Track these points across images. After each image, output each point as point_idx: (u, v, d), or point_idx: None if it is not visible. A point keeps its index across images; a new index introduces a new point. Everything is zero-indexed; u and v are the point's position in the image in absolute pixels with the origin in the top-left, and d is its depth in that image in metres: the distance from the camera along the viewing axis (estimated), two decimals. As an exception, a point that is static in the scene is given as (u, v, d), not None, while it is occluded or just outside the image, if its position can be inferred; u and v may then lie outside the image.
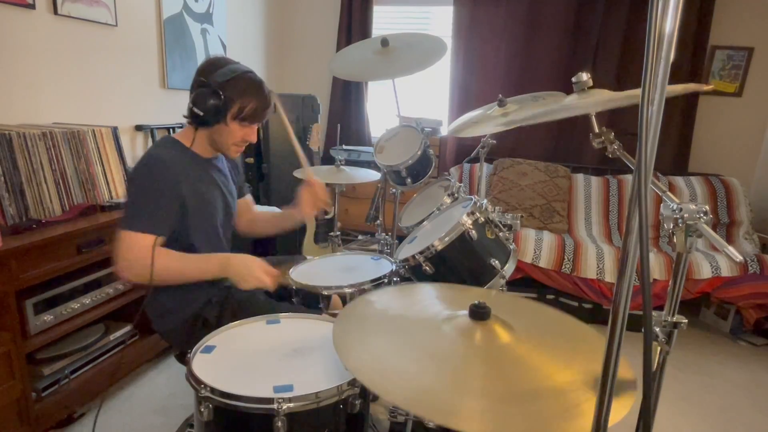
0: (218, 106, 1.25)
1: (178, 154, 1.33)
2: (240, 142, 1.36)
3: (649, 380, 0.56)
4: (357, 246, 3.65)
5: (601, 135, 1.06)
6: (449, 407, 0.72)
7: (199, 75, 1.29)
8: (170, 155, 1.30)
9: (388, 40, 1.97)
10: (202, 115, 1.25)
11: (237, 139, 1.34)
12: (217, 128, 1.31)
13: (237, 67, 1.29)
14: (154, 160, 1.27)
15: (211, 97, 1.24)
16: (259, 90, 1.30)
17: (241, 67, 1.30)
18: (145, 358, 2.11)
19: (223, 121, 1.29)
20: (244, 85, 1.28)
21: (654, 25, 0.50)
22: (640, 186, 0.52)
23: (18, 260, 1.50)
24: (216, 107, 1.25)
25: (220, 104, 1.25)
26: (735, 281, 2.55)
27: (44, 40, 2.00)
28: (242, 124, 1.32)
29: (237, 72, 1.28)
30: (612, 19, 3.31)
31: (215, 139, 1.35)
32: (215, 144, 1.37)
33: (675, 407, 2.12)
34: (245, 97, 1.28)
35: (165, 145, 1.34)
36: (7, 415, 1.52)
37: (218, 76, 1.25)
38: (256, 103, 1.30)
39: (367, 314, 1.01)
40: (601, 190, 3.25)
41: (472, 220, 1.38)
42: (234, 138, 1.33)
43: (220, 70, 1.27)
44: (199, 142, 1.37)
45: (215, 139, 1.35)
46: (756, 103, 3.31)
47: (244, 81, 1.28)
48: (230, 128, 1.31)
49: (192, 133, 1.36)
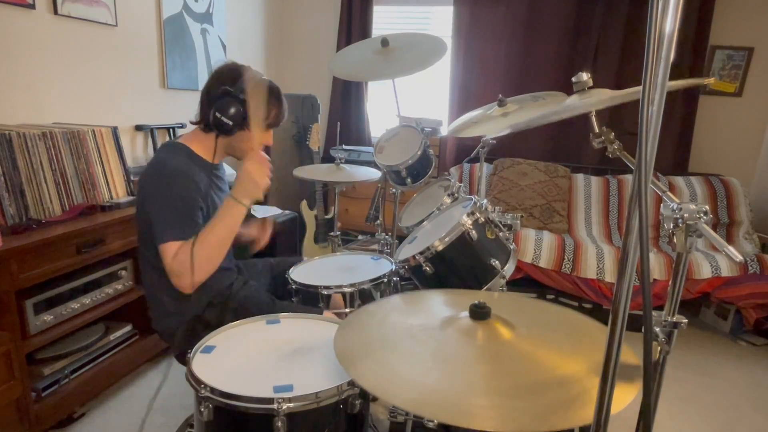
0: (245, 113, 1.29)
1: (188, 160, 1.34)
2: (258, 147, 1.38)
3: (649, 380, 0.56)
4: (357, 246, 3.65)
5: (601, 135, 1.06)
6: (457, 407, 0.72)
7: (219, 82, 1.31)
8: (184, 162, 1.31)
9: (388, 40, 1.97)
10: (230, 123, 1.28)
11: (256, 145, 1.37)
12: (239, 135, 1.34)
13: (256, 73, 1.35)
14: (171, 171, 1.28)
15: (239, 105, 1.28)
16: (279, 97, 1.39)
17: (259, 73, 1.36)
18: (145, 358, 2.11)
19: (247, 128, 1.32)
20: (268, 93, 1.35)
21: (654, 25, 0.50)
22: (640, 186, 0.52)
23: (18, 260, 1.50)
24: (243, 115, 1.29)
25: (247, 112, 1.29)
26: (735, 281, 2.55)
27: (44, 40, 2.00)
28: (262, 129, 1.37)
29: (260, 80, 1.34)
30: (612, 19, 3.31)
31: (236, 146, 1.38)
32: (235, 150, 1.40)
33: (675, 407, 2.12)
34: (269, 105, 1.35)
35: (175, 152, 1.34)
36: (7, 415, 1.52)
37: (241, 83, 1.29)
38: (278, 109, 1.39)
39: (369, 324, 1.01)
40: (601, 190, 3.25)
41: (472, 220, 1.38)
42: (254, 143, 1.36)
43: (242, 78, 1.31)
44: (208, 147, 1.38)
45: (236, 146, 1.38)
46: (756, 103, 3.31)
47: (267, 89, 1.35)
48: (252, 134, 1.34)
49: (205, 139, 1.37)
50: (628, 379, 0.76)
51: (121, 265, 1.95)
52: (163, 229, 1.23)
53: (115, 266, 1.92)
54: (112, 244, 1.84)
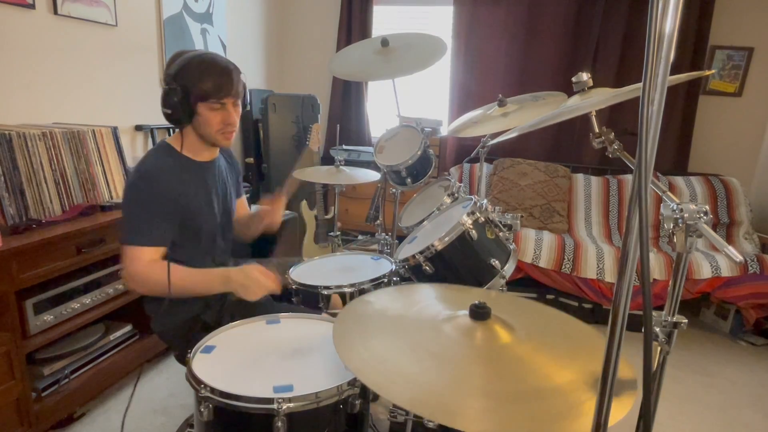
0: (181, 98, 1.23)
1: (172, 160, 1.32)
2: (222, 127, 1.31)
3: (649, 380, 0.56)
4: (357, 246, 3.65)
5: (602, 135, 1.07)
6: (451, 407, 0.72)
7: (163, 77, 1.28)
8: (165, 164, 1.29)
9: (388, 40, 1.97)
10: (172, 113, 1.24)
11: (217, 125, 1.29)
12: (196, 121, 1.28)
13: (191, 53, 1.27)
14: (149, 173, 1.26)
15: (171, 93, 1.22)
16: (211, 66, 1.25)
17: (192, 52, 1.28)
18: (145, 358, 2.11)
19: (194, 111, 1.26)
20: (195, 67, 1.24)
21: (654, 25, 0.50)
22: (640, 186, 0.52)
23: (18, 260, 1.50)
24: (180, 100, 1.23)
25: (182, 95, 1.23)
26: (735, 281, 2.55)
27: (44, 40, 2.00)
28: (211, 105, 1.26)
29: (186, 58, 1.25)
30: (612, 19, 3.31)
31: (201, 133, 1.32)
32: (204, 138, 1.33)
33: (675, 407, 2.12)
34: (202, 79, 1.23)
35: (159, 154, 1.33)
36: (7, 415, 1.52)
37: (171, 69, 1.24)
38: (213, 78, 1.24)
39: (367, 315, 1.01)
40: (601, 190, 3.25)
41: (472, 220, 1.38)
42: (213, 124, 1.29)
43: (173, 64, 1.25)
44: (190, 143, 1.35)
45: (201, 133, 1.32)
46: (756, 103, 3.31)
47: (193, 64, 1.24)
48: (204, 116, 1.27)
49: (180, 136, 1.34)
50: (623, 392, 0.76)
51: (121, 265, 1.95)
52: (125, 231, 1.23)
53: (115, 266, 1.92)
54: (112, 244, 1.84)
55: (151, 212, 1.24)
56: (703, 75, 2.02)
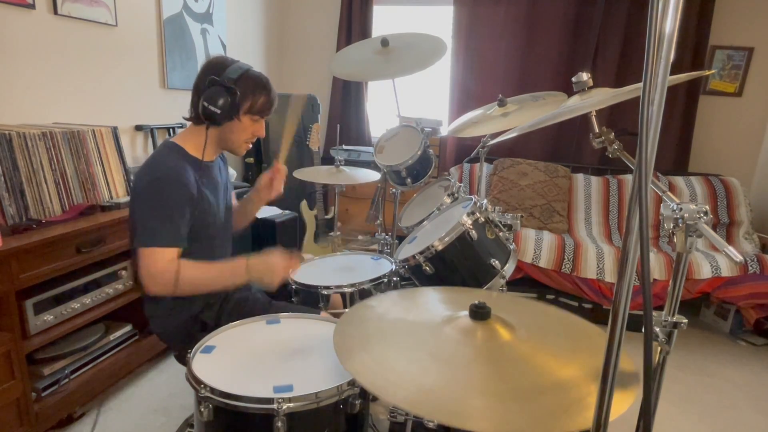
0: (233, 102, 1.28)
1: (182, 161, 1.32)
2: (251, 138, 1.40)
3: (649, 380, 0.56)
4: (357, 246, 3.65)
5: (602, 135, 1.07)
6: (453, 407, 0.72)
7: (206, 74, 1.30)
8: (177, 164, 1.30)
9: (388, 40, 1.97)
10: (218, 112, 1.26)
11: (248, 135, 1.38)
12: (229, 125, 1.33)
13: (244, 64, 1.34)
14: (163, 173, 1.26)
15: (226, 94, 1.27)
16: (267, 85, 1.36)
17: (246, 64, 1.35)
18: (145, 358, 2.11)
19: (236, 117, 1.32)
20: (255, 80, 1.33)
21: (654, 25, 0.50)
22: (640, 186, 0.52)
23: (18, 260, 1.50)
24: (231, 103, 1.28)
25: (235, 100, 1.28)
26: (735, 281, 2.55)
27: (44, 40, 2.00)
28: (253, 118, 1.36)
29: (246, 69, 1.33)
30: (612, 18, 3.31)
31: (226, 137, 1.36)
32: (225, 142, 1.38)
33: (675, 407, 2.12)
34: (257, 92, 1.33)
35: (169, 153, 1.33)
36: (7, 415, 1.52)
37: (230, 73, 1.29)
38: (266, 97, 1.36)
39: (368, 318, 1.01)
40: (601, 190, 3.25)
41: (472, 220, 1.38)
42: (246, 134, 1.37)
43: (230, 68, 1.30)
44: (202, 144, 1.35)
45: (226, 137, 1.36)
46: (756, 103, 3.31)
47: (254, 77, 1.34)
48: (243, 124, 1.34)
49: (197, 134, 1.35)
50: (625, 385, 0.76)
51: (121, 265, 1.95)
52: (143, 232, 1.22)
53: (115, 266, 1.92)
54: (112, 244, 1.84)
55: (170, 213, 1.24)
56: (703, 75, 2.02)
